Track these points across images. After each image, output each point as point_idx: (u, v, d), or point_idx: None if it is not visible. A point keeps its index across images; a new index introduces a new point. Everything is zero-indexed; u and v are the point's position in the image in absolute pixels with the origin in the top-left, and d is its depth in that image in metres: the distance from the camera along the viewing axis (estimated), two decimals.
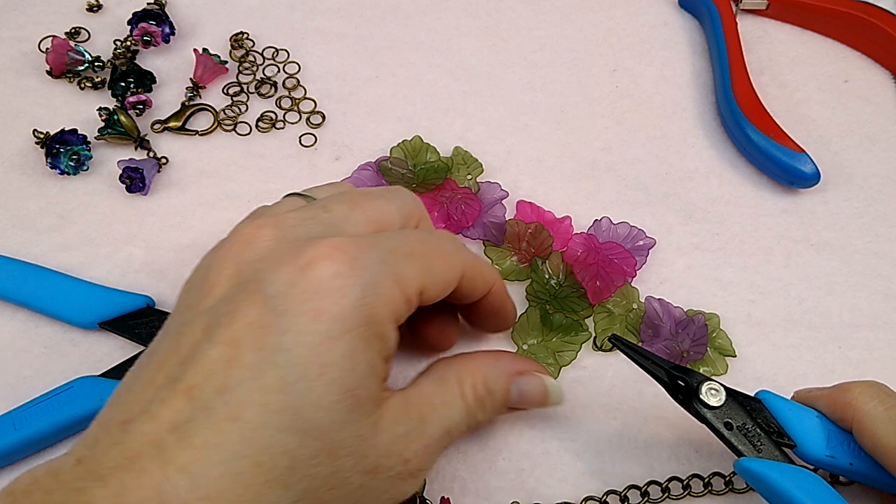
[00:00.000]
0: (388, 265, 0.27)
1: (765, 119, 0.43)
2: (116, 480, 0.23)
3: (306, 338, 0.25)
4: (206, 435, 0.24)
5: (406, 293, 0.27)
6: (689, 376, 0.32)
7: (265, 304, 0.25)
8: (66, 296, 0.38)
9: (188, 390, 0.25)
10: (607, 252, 0.40)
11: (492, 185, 0.42)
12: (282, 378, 0.24)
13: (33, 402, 0.35)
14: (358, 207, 0.30)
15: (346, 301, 0.25)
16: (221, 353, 0.25)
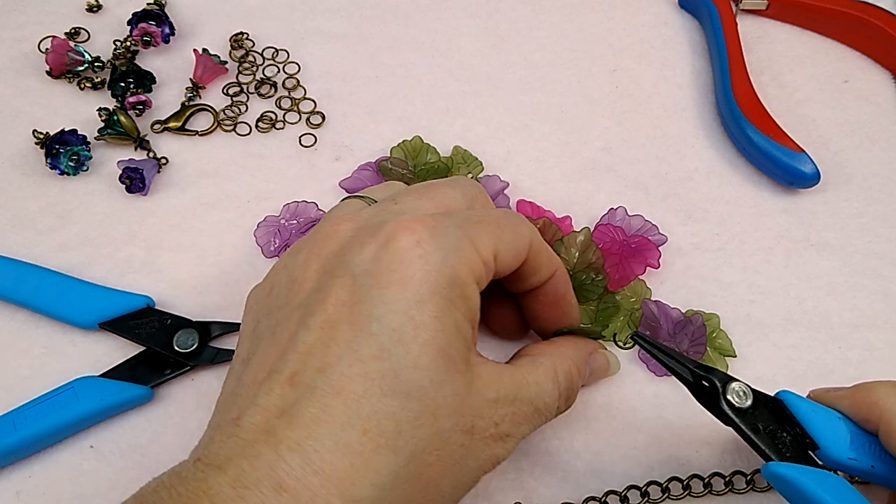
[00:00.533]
0: (464, 230, 0.28)
1: (765, 119, 0.43)
2: (233, 466, 0.24)
3: (397, 305, 0.26)
4: (312, 412, 0.25)
5: (483, 255, 0.28)
6: (714, 375, 0.31)
7: (354, 283, 0.27)
8: (65, 296, 0.38)
9: (290, 377, 0.26)
10: (629, 241, 0.40)
11: (490, 178, 0.42)
12: (378, 346, 0.26)
13: (34, 403, 0.35)
14: (425, 196, 0.31)
15: (429, 266, 0.27)
16: (318, 336, 0.26)
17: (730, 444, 0.36)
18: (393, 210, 0.30)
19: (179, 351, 0.37)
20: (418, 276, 0.27)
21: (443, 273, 0.27)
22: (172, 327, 0.37)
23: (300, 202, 0.41)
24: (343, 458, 0.24)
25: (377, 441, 0.25)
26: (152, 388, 0.36)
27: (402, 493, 0.25)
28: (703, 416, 0.37)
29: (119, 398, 0.35)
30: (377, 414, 0.25)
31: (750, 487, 0.35)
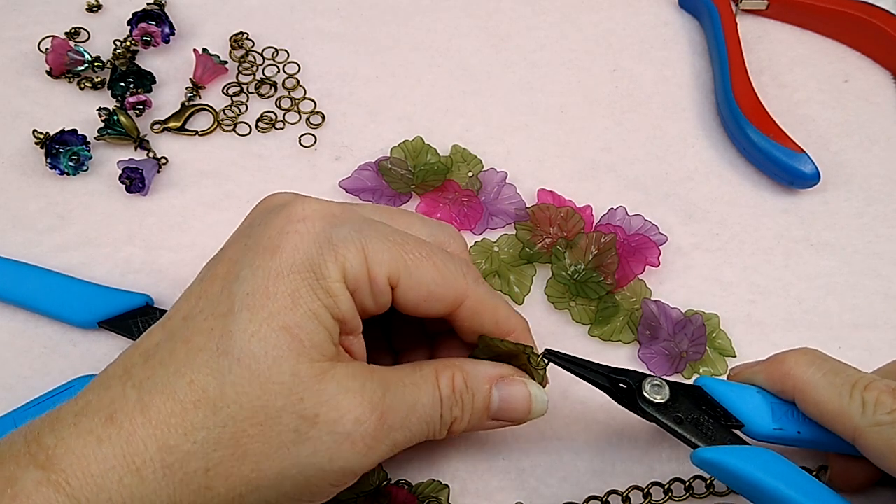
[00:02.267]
0: (361, 234, 0.28)
1: (765, 119, 0.43)
2: (85, 397, 0.27)
3: (259, 270, 0.27)
4: (162, 355, 0.27)
5: (371, 269, 0.28)
6: (629, 376, 0.32)
7: (243, 241, 0.29)
8: (65, 296, 0.38)
9: (166, 321, 0.28)
10: (629, 240, 0.40)
11: (487, 172, 0.43)
12: (230, 305, 0.27)
13: (34, 402, 0.35)
14: (392, 215, 0.31)
15: (301, 245, 0.27)
16: (201, 287, 0.28)
17: None
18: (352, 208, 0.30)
19: None
20: (287, 249, 0.27)
21: (310, 258, 0.27)
22: None
23: None
24: (166, 402, 0.26)
25: (199, 395, 0.26)
26: None
27: (215, 455, 0.26)
28: None
29: None
30: (205, 368, 0.26)
31: None
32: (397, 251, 0.28)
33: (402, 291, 0.29)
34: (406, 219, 0.32)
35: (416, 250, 0.29)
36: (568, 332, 0.39)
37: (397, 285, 0.28)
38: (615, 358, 0.38)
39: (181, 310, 0.28)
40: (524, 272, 0.40)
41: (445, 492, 0.34)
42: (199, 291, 0.28)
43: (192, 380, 0.26)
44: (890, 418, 0.28)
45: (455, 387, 0.30)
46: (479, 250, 0.40)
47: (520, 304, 0.39)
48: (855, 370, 0.31)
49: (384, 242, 0.28)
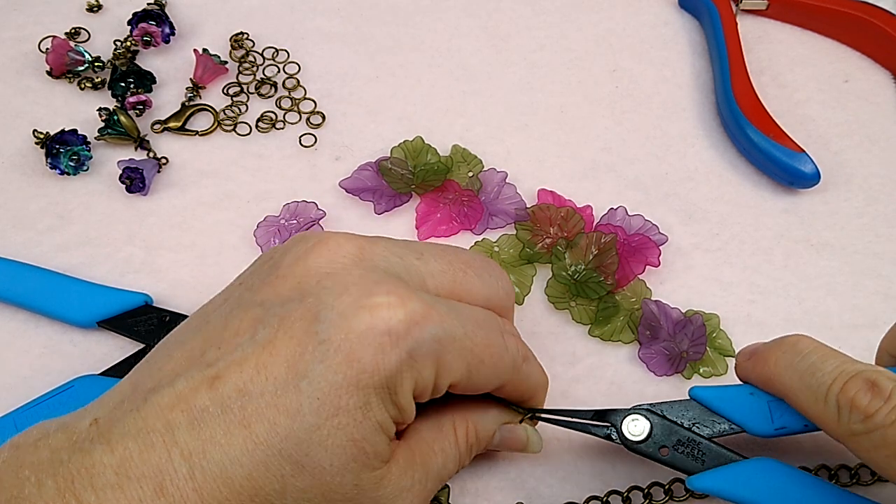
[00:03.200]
0: (439, 347, 0.27)
1: (765, 119, 0.43)
2: (123, 449, 0.24)
3: (333, 376, 0.25)
4: (213, 430, 0.24)
5: (439, 382, 0.27)
6: (608, 418, 0.32)
7: (313, 325, 0.26)
8: (64, 295, 0.38)
9: (214, 379, 0.25)
10: (629, 240, 0.40)
11: (487, 172, 0.43)
12: (298, 405, 0.25)
13: (35, 403, 0.35)
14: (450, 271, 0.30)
15: (382, 360, 0.25)
16: (257, 355, 0.25)
17: None
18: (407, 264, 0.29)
19: None
20: (367, 361, 0.25)
21: (390, 375, 0.26)
22: (171, 324, 0.37)
23: (300, 202, 0.41)
24: (222, 489, 0.24)
25: (257, 492, 0.24)
26: None
27: None
28: None
29: None
30: (266, 467, 0.24)
31: None
32: (467, 360, 0.28)
33: (455, 388, 0.29)
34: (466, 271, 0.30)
35: (485, 352, 0.28)
36: (568, 332, 0.39)
37: (456, 386, 0.28)
38: (615, 358, 0.38)
39: (232, 374, 0.25)
40: (524, 272, 0.40)
41: (445, 492, 0.34)
42: (255, 361, 0.25)
43: (250, 475, 0.24)
44: (863, 427, 0.27)
45: (469, 440, 0.31)
46: (479, 250, 0.40)
47: (520, 304, 0.39)
48: (837, 361, 0.28)
49: (458, 353, 0.27)
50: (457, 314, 0.28)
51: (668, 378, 0.38)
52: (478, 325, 0.29)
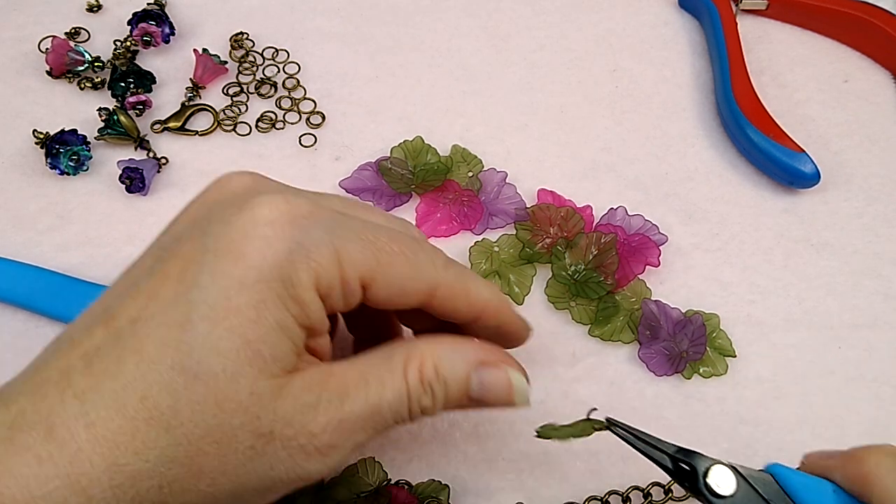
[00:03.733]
0: (333, 236, 0.26)
1: (765, 119, 0.43)
2: (17, 404, 0.24)
3: (221, 279, 0.24)
4: (107, 363, 0.24)
5: (345, 272, 0.26)
6: (693, 460, 0.29)
7: (201, 240, 0.25)
8: (64, 295, 0.38)
9: (109, 319, 0.25)
10: (629, 240, 0.40)
11: (487, 172, 0.43)
12: (187, 315, 0.24)
13: None
14: (350, 205, 0.29)
15: (268, 251, 0.25)
16: (151, 285, 0.25)
17: (728, 444, 0.36)
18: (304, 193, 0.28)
19: None
20: (254, 256, 0.24)
21: (279, 266, 0.25)
22: None
23: None
24: (115, 418, 0.23)
25: (152, 412, 0.24)
26: None
27: (169, 473, 0.24)
28: (702, 416, 0.37)
29: None
30: (159, 384, 0.24)
31: None
32: (371, 250, 0.26)
33: (374, 290, 0.27)
34: (369, 214, 0.30)
35: (389, 245, 0.27)
36: (568, 332, 0.39)
37: (370, 285, 0.27)
38: (615, 358, 0.38)
39: (127, 308, 0.25)
40: (524, 272, 0.40)
41: (445, 492, 0.34)
42: (148, 289, 0.25)
43: (144, 396, 0.24)
44: None
45: (424, 377, 0.27)
46: (479, 250, 0.40)
47: (520, 304, 0.39)
48: None
49: (358, 242, 0.26)
50: (349, 216, 0.27)
51: (668, 378, 0.38)
52: (377, 226, 0.28)
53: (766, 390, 0.38)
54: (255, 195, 0.26)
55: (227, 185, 0.28)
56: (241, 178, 0.28)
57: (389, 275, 0.27)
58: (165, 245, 0.27)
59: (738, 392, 0.37)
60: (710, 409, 0.37)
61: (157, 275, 0.25)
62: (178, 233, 0.27)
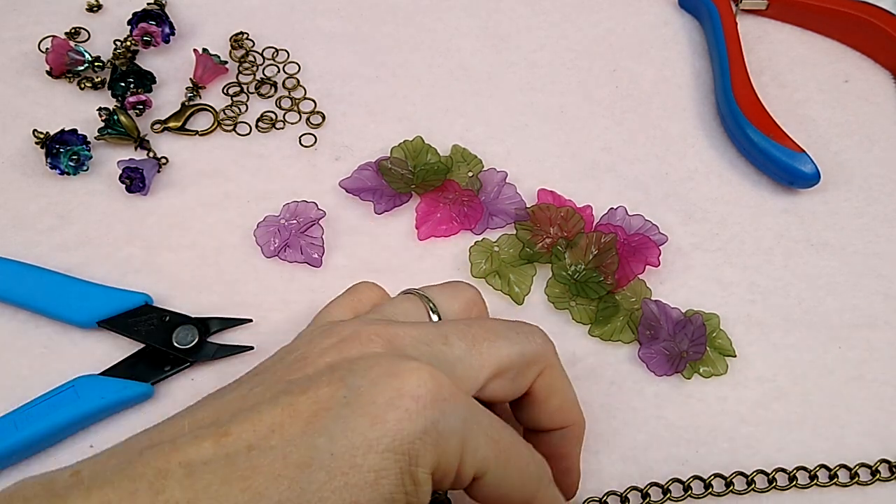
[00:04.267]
0: (467, 428, 0.26)
1: (765, 119, 0.43)
2: (101, 495, 0.23)
3: (353, 436, 0.24)
4: (210, 481, 0.23)
5: (464, 464, 0.26)
6: None
7: (340, 390, 0.25)
8: (64, 295, 0.38)
9: (222, 435, 0.24)
10: (629, 240, 0.40)
11: (487, 172, 0.43)
12: (309, 458, 0.24)
13: (35, 402, 0.35)
14: (476, 347, 0.29)
15: (408, 424, 0.25)
16: (275, 416, 0.25)
17: (728, 444, 0.36)
18: (436, 351, 0.28)
19: (179, 347, 0.37)
20: (391, 426, 0.24)
21: (412, 442, 0.24)
22: (171, 324, 0.37)
23: (300, 202, 0.41)
24: None
25: None
26: (153, 385, 0.36)
27: None
28: (702, 416, 0.37)
29: (120, 396, 0.35)
30: None
31: (751, 488, 0.35)
32: (493, 450, 0.27)
33: (480, 485, 0.27)
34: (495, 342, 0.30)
35: (513, 453, 0.28)
36: (568, 332, 0.39)
37: (479, 480, 0.27)
38: (615, 358, 0.38)
39: (244, 431, 0.24)
40: (524, 272, 0.40)
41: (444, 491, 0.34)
42: (271, 420, 0.25)
43: None
44: None
45: None
46: (479, 250, 0.40)
47: (520, 304, 0.39)
48: None
49: (484, 438, 0.26)
50: (485, 411, 0.28)
51: (668, 378, 0.38)
52: (503, 426, 0.28)
53: (766, 390, 0.38)
54: (402, 360, 0.26)
55: (364, 343, 0.28)
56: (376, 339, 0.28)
57: (498, 478, 0.27)
58: (295, 381, 0.26)
59: (738, 392, 0.37)
60: (710, 409, 0.37)
61: (283, 407, 0.25)
62: (311, 374, 0.27)
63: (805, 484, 0.35)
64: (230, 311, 0.39)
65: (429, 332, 0.29)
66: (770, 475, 0.35)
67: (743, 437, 0.36)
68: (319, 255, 0.40)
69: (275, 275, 0.40)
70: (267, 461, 0.24)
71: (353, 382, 0.25)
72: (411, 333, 0.28)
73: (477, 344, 0.29)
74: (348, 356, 0.27)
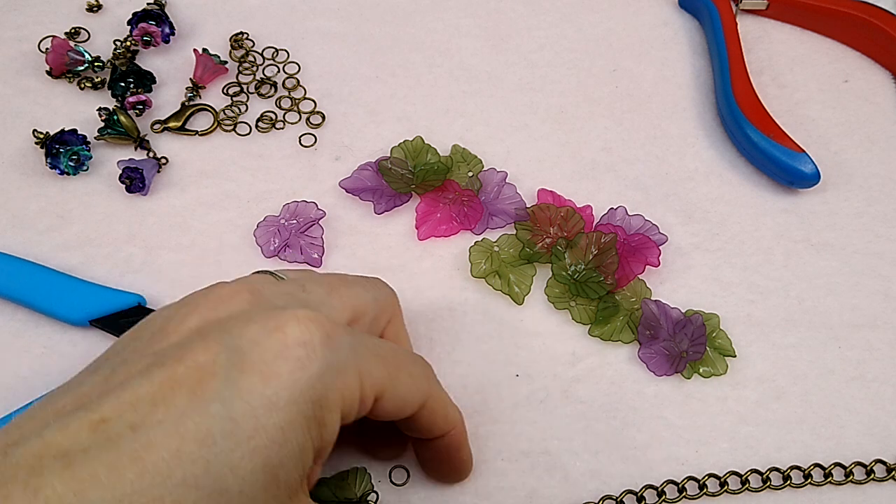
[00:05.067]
0: (357, 356, 0.26)
1: (765, 119, 0.43)
2: None
3: (249, 396, 0.23)
4: (97, 468, 0.21)
5: (364, 391, 0.26)
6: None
7: (219, 353, 0.24)
8: (57, 292, 0.38)
9: (97, 422, 0.22)
10: (629, 240, 0.40)
11: (487, 172, 0.43)
12: (207, 429, 0.23)
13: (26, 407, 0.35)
14: (335, 292, 0.29)
15: (303, 373, 0.24)
16: (152, 390, 0.23)
17: (728, 444, 0.36)
18: (297, 297, 0.28)
19: None
20: (287, 377, 0.24)
21: (312, 387, 0.24)
22: None
23: (300, 202, 0.41)
24: None
25: None
26: None
27: None
28: (702, 416, 0.37)
29: None
30: (167, 498, 0.22)
31: (745, 488, 0.35)
32: (385, 367, 0.27)
33: (381, 404, 0.27)
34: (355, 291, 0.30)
35: (399, 363, 0.28)
36: (568, 332, 0.39)
37: (380, 400, 0.27)
38: (615, 358, 0.38)
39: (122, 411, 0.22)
40: (524, 272, 0.40)
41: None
42: (150, 395, 0.23)
43: None
44: None
45: None
46: (479, 250, 0.40)
47: (520, 303, 0.39)
48: None
49: (375, 361, 0.27)
50: (357, 330, 0.28)
51: (668, 378, 0.38)
52: (381, 340, 0.29)
53: (766, 390, 0.38)
54: (275, 311, 0.26)
55: (227, 301, 0.27)
56: (237, 294, 0.27)
57: (397, 389, 0.27)
58: (162, 351, 0.25)
59: (738, 392, 0.37)
60: (710, 409, 0.37)
61: (158, 381, 0.23)
62: (180, 342, 0.25)
63: (799, 483, 0.35)
64: None
65: (286, 284, 0.29)
66: (764, 475, 0.35)
67: (743, 437, 0.36)
68: (319, 255, 0.40)
69: None
70: (158, 437, 0.22)
71: (231, 343, 0.24)
72: (271, 287, 0.28)
73: (334, 290, 0.30)
74: (214, 317, 0.26)
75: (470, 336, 0.38)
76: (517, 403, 0.37)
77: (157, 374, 0.24)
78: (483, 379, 0.37)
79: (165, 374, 0.23)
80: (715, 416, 0.37)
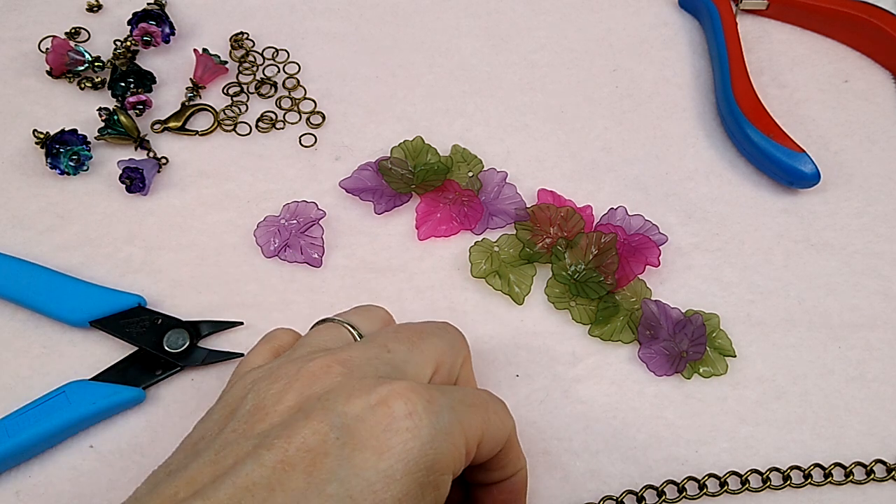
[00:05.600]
0: (456, 413, 0.26)
1: (765, 119, 0.43)
2: None
3: (364, 472, 0.24)
4: None
5: (468, 444, 0.27)
6: None
7: (329, 432, 0.24)
8: (58, 293, 0.38)
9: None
10: (629, 240, 0.40)
11: (487, 172, 0.43)
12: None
13: (25, 409, 0.35)
14: (416, 348, 0.29)
15: (414, 443, 0.25)
16: (265, 474, 0.23)
17: (728, 444, 0.36)
18: (385, 360, 0.28)
19: (169, 351, 0.37)
20: (399, 449, 0.24)
21: (425, 455, 0.25)
22: (163, 327, 0.37)
23: (300, 202, 0.41)
24: None
25: None
26: (144, 390, 0.36)
27: None
28: (702, 416, 0.37)
29: (110, 401, 0.35)
30: None
31: (745, 488, 0.35)
32: (480, 417, 0.27)
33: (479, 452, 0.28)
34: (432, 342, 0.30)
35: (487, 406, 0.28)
36: (568, 332, 0.39)
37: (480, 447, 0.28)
38: (615, 358, 0.38)
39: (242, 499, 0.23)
40: (524, 272, 0.40)
41: None
42: (269, 483, 0.23)
43: None
44: None
45: None
46: (479, 250, 0.40)
47: (520, 303, 0.39)
48: None
49: (471, 412, 0.27)
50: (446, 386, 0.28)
51: (668, 378, 0.38)
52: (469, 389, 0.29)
53: (766, 390, 0.38)
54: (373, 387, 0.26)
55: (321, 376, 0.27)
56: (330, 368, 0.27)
57: (492, 431, 0.28)
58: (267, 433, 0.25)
59: (738, 392, 0.37)
60: (710, 409, 0.37)
61: (271, 464, 0.24)
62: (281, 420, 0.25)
63: (799, 483, 0.35)
64: (230, 311, 0.39)
65: (371, 347, 0.29)
66: (764, 475, 0.35)
67: (743, 437, 0.36)
68: (319, 255, 0.40)
69: (275, 275, 0.40)
70: None
71: (337, 421, 0.25)
72: (357, 353, 0.28)
73: (414, 344, 0.30)
74: (311, 393, 0.26)
75: (470, 336, 0.38)
76: (517, 403, 0.37)
77: (267, 456, 0.24)
78: (483, 379, 0.37)
79: (276, 456, 0.24)
80: (715, 416, 0.37)
